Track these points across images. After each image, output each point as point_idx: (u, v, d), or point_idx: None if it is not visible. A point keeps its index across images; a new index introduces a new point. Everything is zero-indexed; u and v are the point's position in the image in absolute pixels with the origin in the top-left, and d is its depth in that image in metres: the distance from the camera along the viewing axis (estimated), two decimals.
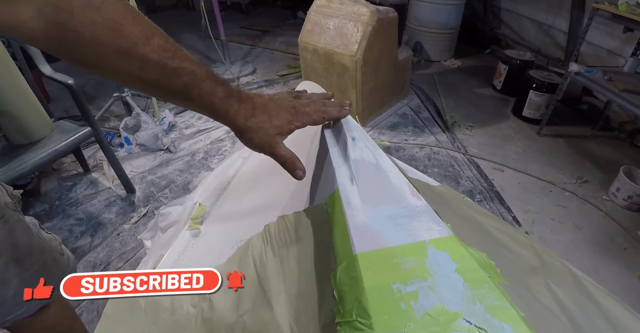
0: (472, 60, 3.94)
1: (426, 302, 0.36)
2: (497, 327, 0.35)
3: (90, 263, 1.74)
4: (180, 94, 0.43)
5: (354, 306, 0.37)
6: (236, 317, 0.52)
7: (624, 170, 1.97)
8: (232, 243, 0.69)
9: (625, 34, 2.51)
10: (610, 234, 1.84)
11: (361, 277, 0.38)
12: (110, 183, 2.17)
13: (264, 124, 0.50)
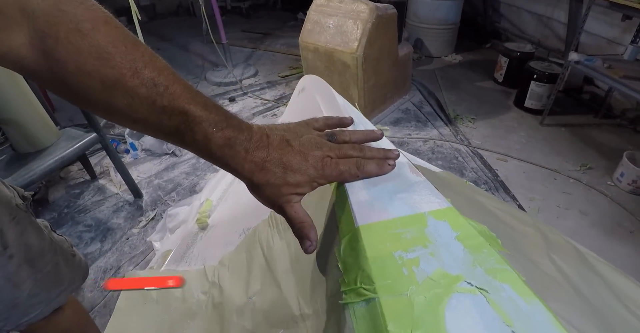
0: (473, 54, 3.95)
1: (427, 267, 0.37)
2: (498, 287, 0.36)
3: (101, 268, 1.76)
4: (174, 137, 0.38)
5: (358, 274, 0.38)
6: (246, 299, 0.53)
7: (628, 155, 1.97)
8: (240, 232, 0.71)
9: (624, 22, 2.51)
10: (617, 218, 1.84)
11: (364, 247, 0.39)
12: (117, 189, 2.19)
13: (275, 180, 0.41)
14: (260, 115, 2.89)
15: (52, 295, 0.84)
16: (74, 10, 0.32)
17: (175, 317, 0.63)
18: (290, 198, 0.43)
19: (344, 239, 0.43)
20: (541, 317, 0.34)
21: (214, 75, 3.40)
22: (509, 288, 0.36)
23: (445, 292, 0.35)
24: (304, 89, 0.91)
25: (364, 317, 0.35)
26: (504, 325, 0.33)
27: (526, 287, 0.37)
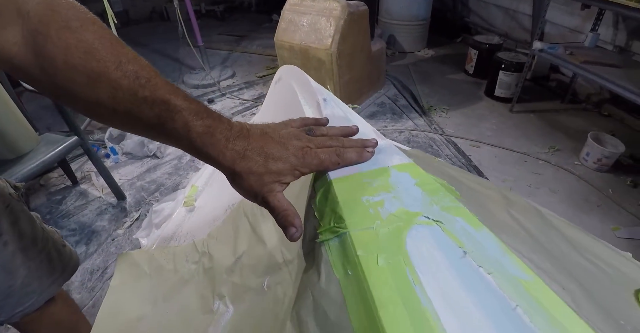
0: (445, 49, 4.06)
1: (391, 207, 0.43)
2: (452, 220, 0.42)
3: (88, 270, 1.77)
4: (155, 128, 0.39)
5: (331, 217, 0.43)
6: (234, 259, 0.58)
7: (592, 136, 2.09)
8: (226, 208, 0.75)
9: (583, 11, 2.64)
10: (584, 195, 1.95)
11: (335, 195, 0.45)
12: (100, 192, 2.19)
13: (257, 168, 0.41)
14: (240, 115, 2.92)
15: (45, 284, 0.86)
16: (64, 11, 0.35)
17: (168, 287, 0.66)
18: (273, 187, 0.42)
19: (318, 192, 0.48)
20: (489, 242, 0.40)
21: (191, 77, 3.41)
22: (461, 220, 0.42)
23: (406, 225, 0.41)
24: (280, 78, 0.96)
25: (337, 249, 0.40)
26: (456, 247, 0.39)
27: (477, 219, 0.43)
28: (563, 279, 0.44)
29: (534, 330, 0.32)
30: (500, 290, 0.34)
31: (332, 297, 0.36)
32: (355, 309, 0.34)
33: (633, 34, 2.49)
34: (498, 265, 0.37)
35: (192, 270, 0.66)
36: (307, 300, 0.38)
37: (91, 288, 1.69)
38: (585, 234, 0.73)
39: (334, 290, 0.37)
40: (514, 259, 0.38)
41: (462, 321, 0.32)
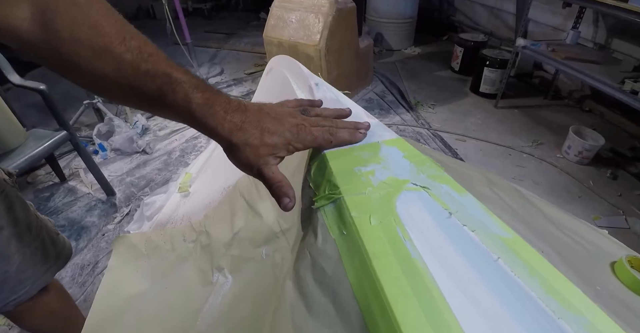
0: (431, 47, 4.13)
1: (381, 176, 0.46)
2: (437, 186, 0.45)
3: (78, 265, 1.76)
4: (156, 100, 0.40)
5: (326, 186, 0.46)
6: (232, 234, 0.60)
7: (574, 130, 2.16)
8: (221, 191, 0.78)
9: (565, 10, 2.71)
10: (566, 186, 2.02)
11: (329, 165, 0.48)
12: (89, 189, 2.18)
13: (253, 140, 0.43)
14: None
15: (39, 272, 0.86)
16: None
17: (166, 265, 0.68)
18: (267, 160, 0.44)
19: (313, 165, 0.51)
20: (472, 205, 0.44)
21: None
22: (446, 187, 0.46)
23: (396, 190, 0.44)
24: (271, 69, 0.98)
25: (332, 213, 0.43)
26: (442, 209, 0.42)
27: (460, 186, 0.46)
28: (542, 246, 0.47)
29: (515, 279, 0.35)
30: (483, 245, 0.38)
31: (328, 254, 0.39)
32: (350, 263, 0.37)
33: (612, 31, 2.58)
34: (480, 224, 0.40)
35: (189, 248, 0.68)
36: (305, 259, 0.40)
37: (82, 283, 1.69)
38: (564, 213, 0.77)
39: (330, 249, 0.39)
40: (495, 219, 0.41)
41: (449, 270, 0.35)
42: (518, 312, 0.32)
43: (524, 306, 0.32)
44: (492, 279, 0.35)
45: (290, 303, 0.38)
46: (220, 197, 0.75)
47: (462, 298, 0.32)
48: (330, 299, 0.36)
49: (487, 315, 0.32)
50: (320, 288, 0.37)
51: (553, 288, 0.34)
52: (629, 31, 2.44)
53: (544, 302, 0.33)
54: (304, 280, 0.39)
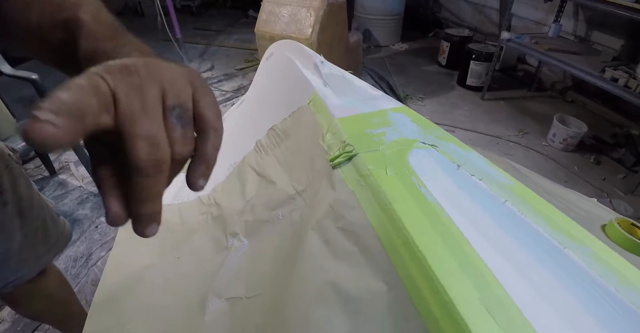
0: (418, 43, 4.18)
1: (392, 136, 0.49)
2: (444, 144, 0.48)
3: (71, 257, 1.74)
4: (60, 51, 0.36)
5: (340, 147, 0.49)
6: (244, 203, 0.62)
7: (558, 118, 2.23)
8: (228, 167, 0.79)
9: (546, 4, 2.80)
10: (552, 172, 2.09)
11: (341, 130, 0.50)
12: (80, 182, 2.16)
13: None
14: (221, 105, 2.92)
15: (40, 252, 0.85)
16: None
17: (176, 238, 0.70)
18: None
19: (325, 130, 0.53)
20: (477, 159, 0.47)
21: None
22: (452, 145, 0.49)
23: (406, 148, 0.47)
24: (272, 54, 0.99)
25: (349, 169, 0.45)
26: (451, 163, 0.45)
27: (464, 144, 0.49)
28: None
29: (522, 217, 0.38)
30: (491, 191, 0.41)
31: (349, 204, 0.42)
32: (371, 209, 0.39)
33: (591, 24, 2.67)
34: (486, 174, 0.44)
35: (200, 220, 0.70)
36: (326, 210, 0.43)
37: (75, 275, 1.68)
38: (554, 183, 0.82)
39: (350, 199, 0.42)
40: (498, 170, 0.45)
41: (463, 212, 0.38)
42: (528, 244, 0.35)
43: (532, 239, 0.36)
44: (502, 218, 0.38)
45: (315, 250, 0.40)
46: (227, 172, 0.77)
47: (477, 235, 0.35)
48: (354, 242, 0.38)
49: (500, 248, 0.35)
50: (343, 234, 0.40)
51: (557, 224, 0.37)
52: (607, 23, 2.53)
53: (550, 235, 0.36)
54: (326, 229, 0.41)
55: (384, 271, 0.34)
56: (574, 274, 0.33)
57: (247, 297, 0.47)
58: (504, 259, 0.34)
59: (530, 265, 0.33)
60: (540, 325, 0.28)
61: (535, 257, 0.34)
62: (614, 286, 0.32)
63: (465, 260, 0.32)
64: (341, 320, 0.34)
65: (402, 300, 0.32)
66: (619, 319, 0.30)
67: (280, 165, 0.61)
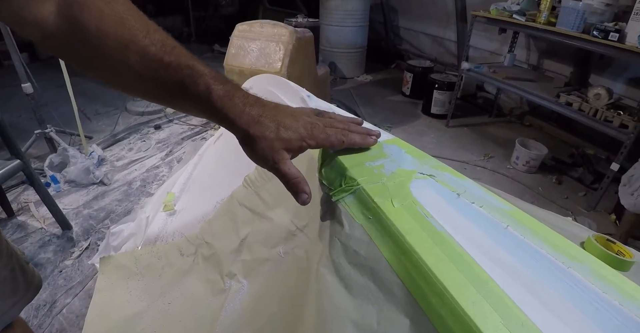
0: (381, 74, 4.37)
1: (390, 168, 0.50)
2: (441, 174, 0.50)
3: (33, 305, 1.61)
4: (178, 92, 0.42)
5: (341, 180, 0.49)
6: (239, 241, 0.61)
7: (519, 142, 2.36)
8: (214, 204, 0.78)
9: (500, 36, 3.01)
10: (518, 193, 2.18)
11: (341, 161, 0.51)
12: (41, 223, 2.04)
13: (269, 133, 0.44)
14: (190, 140, 2.89)
15: (7, 305, 0.79)
16: None
17: (165, 281, 0.67)
18: (283, 155, 0.44)
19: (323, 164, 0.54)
20: (474, 187, 0.49)
21: (135, 105, 3.33)
22: (449, 174, 0.51)
23: (407, 179, 0.48)
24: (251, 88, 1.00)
25: (353, 202, 0.46)
26: (450, 191, 0.46)
27: (459, 173, 0.51)
28: None
29: (525, 240, 0.40)
30: (492, 217, 0.42)
31: (358, 238, 0.42)
32: (382, 242, 0.40)
33: (543, 53, 2.89)
34: (485, 201, 0.45)
35: (190, 261, 0.67)
36: (336, 246, 0.43)
37: (38, 325, 1.55)
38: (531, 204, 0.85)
39: (359, 233, 0.42)
40: (495, 197, 0.47)
41: (470, 239, 0.39)
42: (534, 266, 0.37)
43: (537, 261, 0.37)
44: (507, 243, 0.39)
45: (329, 287, 0.40)
46: (214, 210, 0.76)
47: (486, 260, 0.36)
48: (369, 277, 0.38)
49: (510, 271, 0.36)
50: (356, 269, 0.40)
51: (556, 245, 0.39)
52: (557, 52, 2.76)
53: (552, 256, 0.38)
54: (339, 265, 0.41)
55: (404, 304, 0.34)
56: (580, 291, 0.34)
57: None
58: (516, 282, 0.35)
59: (540, 285, 0.35)
60: None
61: (543, 277, 0.35)
62: (617, 300, 0.34)
63: (482, 286, 0.33)
64: None
65: (426, 331, 0.32)
66: (624, 328, 0.31)
67: (274, 200, 0.60)
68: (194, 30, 5.79)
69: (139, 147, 2.77)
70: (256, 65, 2.55)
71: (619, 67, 2.41)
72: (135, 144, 2.82)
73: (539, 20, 2.20)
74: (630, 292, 0.36)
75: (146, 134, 2.94)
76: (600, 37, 1.90)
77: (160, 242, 0.80)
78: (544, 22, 2.18)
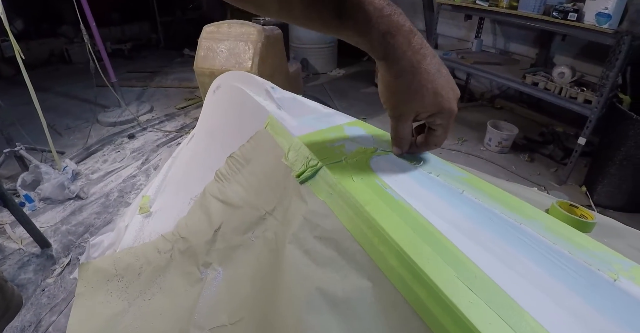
0: (354, 67, 4.40)
1: (351, 147, 0.52)
2: None
3: (18, 328, 1.58)
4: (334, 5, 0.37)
5: (305, 162, 0.50)
6: (212, 232, 0.62)
7: (491, 124, 2.42)
8: (188, 201, 0.78)
9: (466, 22, 3.08)
10: (493, 173, 2.22)
11: (304, 146, 0.52)
12: (19, 244, 1.99)
13: (439, 76, 0.40)
14: (165, 146, 2.86)
15: None
16: None
17: (144, 279, 0.67)
18: (410, 115, 0.43)
19: (286, 150, 0.55)
20: (432, 159, 0.51)
21: (106, 116, 3.27)
22: None
23: (367, 156, 0.50)
24: (219, 86, 1.00)
25: (317, 181, 0.47)
26: (409, 164, 0.48)
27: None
28: None
29: (480, 203, 0.42)
30: (448, 184, 0.44)
31: (321, 213, 0.43)
32: (344, 215, 0.41)
33: (508, 37, 2.97)
34: (443, 170, 0.47)
35: (167, 258, 0.67)
36: (301, 223, 0.44)
37: None
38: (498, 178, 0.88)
39: (321, 209, 0.43)
40: (454, 166, 0.49)
41: (428, 205, 0.41)
42: (487, 224, 0.39)
43: (491, 220, 0.39)
44: (462, 206, 0.41)
45: (296, 261, 0.41)
46: (188, 207, 0.76)
47: (442, 222, 0.38)
48: (333, 248, 0.40)
49: (465, 230, 0.38)
50: (321, 242, 0.41)
51: (511, 205, 0.41)
52: (522, 35, 2.83)
53: (506, 215, 0.40)
54: (304, 240, 0.42)
55: (366, 269, 0.36)
56: (532, 244, 0.37)
57: (231, 323, 0.46)
58: (471, 240, 0.37)
59: (494, 241, 0.37)
60: (512, 290, 0.31)
61: (497, 234, 0.37)
62: (567, 250, 0.36)
63: (437, 244, 0.35)
64: (334, 322, 0.34)
65: (387, 291, 0.33)
66: (575, 275, 0.33)
67: (244, 189, 0.61)
68: (162, 36, 5.70)
69: (114, 157, 2.73)
70: (226, 66, 2.54)
71: (580, 46, 2.49)
72: (109, 155, 2.77)
73: (502, 4, 2.26)
74: (580, 242, 0.38)
75: (120, 144, 2.90)
76: (560, 18, 1.97)
77: (138, 242, 0.80)
78: (506, 6, 2.24)
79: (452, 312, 0.29)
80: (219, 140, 0.86)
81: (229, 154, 0.73)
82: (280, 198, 0.52)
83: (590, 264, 0.35)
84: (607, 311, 0.32)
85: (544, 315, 0.30)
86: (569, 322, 0.30)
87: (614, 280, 0.34)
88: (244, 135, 0.74)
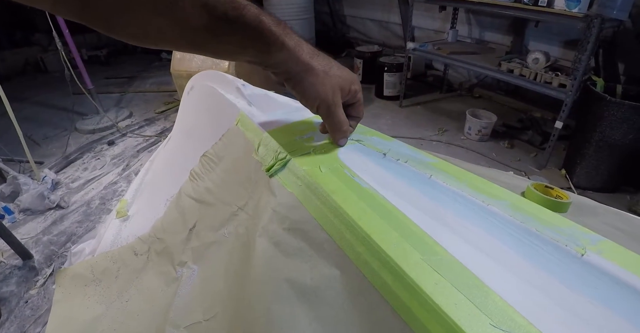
0: None
1: (319, 139, 0.52)
2: (369, 138, 0.52)
3: None
4: (230, 23, 0.38)
5: (274, 156, 0.50)
6: (187, 231, 0.61)
7: (470, 113, 2.45)
8: (164, 202, 0.77)
9: (441, 13, 3.09)
10: (474, 161, 2.26)
11: (273, 140, 0.52)
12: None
13: (329, 69, 0.42)
14: (146, 151, 2.82)
15: None
16: None
17: (121, 282, 0.66)
18: (338, 96, 0.44)
19: (256, 145, 0.55)
20: (401, 147, 0.51)
21: (84, 123, 3.20)
22: (376, 138, 0.53)
23: (335, 147, 0.50)
24: (192, 87, 1.00)
25: (286, 174, 0.47)
26: (376, 152, 0.48)
27: (387, 136, 0.53)
28: None
29: (447, 186, 0.42)
30: (416, 170, 0.44)
31: (290, 205, 0.43)
32: (312, 205, 0.41)
33: (483, 26, 3.00)
34: (411, 157, 0.48)
35: (144, 259, 0.67)
36: (270, 215, 0.44)
37: None
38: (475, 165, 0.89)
39: (290, 200, 0.43)
40: (423, 153, 0.49)
41: (395, 191, 0.41)
42: (454, 206, 0.39)
43: (458, 202, 0.40)
44: (429, 190, 0.41)
45: (265, 254, 0.41)
46: (164, 208, 0.75)
47: (410, 207, 0.38)
48: (302, 239, 0.40)
49: (432, 214, 0.38)
50: (289, 234, 0.41)
51: (478, 187, 0.42)
52: (496, 24, 2.87)
53: (473, 196, 0.40)
54: (273, 232, 0.42)
55: (334, 257, 0.36)
56: (499, 224, 0.37)
57: (205, 319, 0.46)
58: (438, 223, 0.37)
59: (459, 221, 0.37)
60: (478, 269, 0.31)
61: (464, 215, 0.38)
62: (535, 228, 0.36)
63: (403, 229, 0.35)
64: (302, 310, 0.34)
65: (355, 278, 0.34)
66: (542, 252, 0.34)
67: (217, 187, 0.61)
68: None
69: (94, 165, 2.68)
70: (203, 67, 2.51)
71: (552, 31, 2.53)
72: (89, 163, 2.72)
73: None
74: (547, 219, 0.39)
75: (100, 152, 2.85)
76: (531, 4, 1.99)
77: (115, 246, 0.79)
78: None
79: (417, 294, 0.29)
80: (193, 140, 0.85)
81: (202, 153, 0.72)
82: (251, 193, 0.52)
83: (557, 240, 0.35)
84: (574, 285, 0.32)
85: (511, 292, 0.30)
86: (535, 298, 0.31)
87: (582, 254, 0.34)
88: (217, 133, 0.73)
